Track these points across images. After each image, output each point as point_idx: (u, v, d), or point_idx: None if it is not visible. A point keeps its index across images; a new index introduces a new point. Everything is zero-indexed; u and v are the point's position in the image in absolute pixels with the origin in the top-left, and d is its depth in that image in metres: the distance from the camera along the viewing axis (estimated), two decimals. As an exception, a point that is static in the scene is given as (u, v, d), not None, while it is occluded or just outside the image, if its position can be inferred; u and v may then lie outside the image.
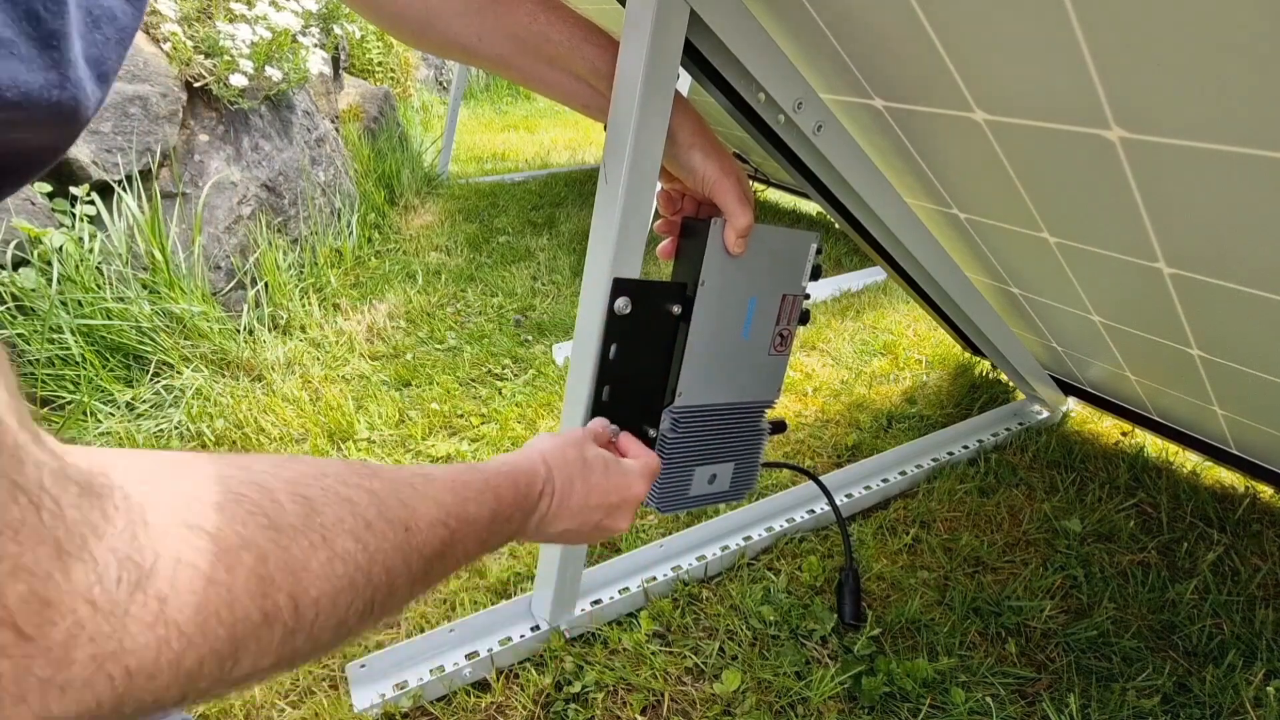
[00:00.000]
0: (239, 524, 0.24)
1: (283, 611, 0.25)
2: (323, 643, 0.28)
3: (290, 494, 0.27)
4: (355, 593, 0.29)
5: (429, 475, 0.36)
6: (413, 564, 0.32)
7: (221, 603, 0.23)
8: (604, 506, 0.50)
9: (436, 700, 0.89)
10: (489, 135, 4.73)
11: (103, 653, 0.19)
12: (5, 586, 0.17)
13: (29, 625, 0.18)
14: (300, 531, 0.26)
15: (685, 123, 0.59)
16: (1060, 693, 0.91)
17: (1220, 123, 0.50)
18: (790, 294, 0.65)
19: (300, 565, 0.26)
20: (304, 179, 2.13)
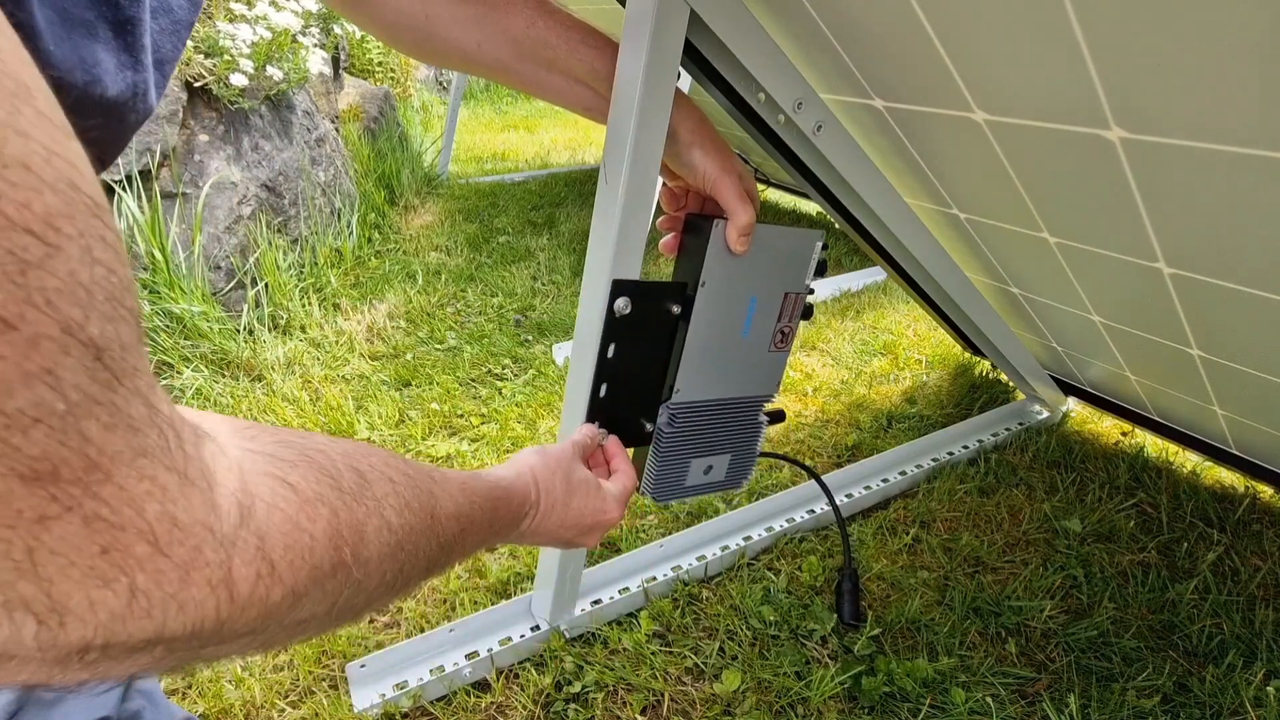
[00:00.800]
0: (314, 481, 0.27)
1: (349, 564, 0.27)
2: (363, 604, 0.30)
3: (346, 464, 0.29)
4: (393, 563, 0.31)
5: (444, 474, 0.38)
6: (431, 549, 0.35)
7: (305, 547, 0.25)
8: (577, 528, 0.53)
9: (436, 700, 0.89)
10: (489, 135, 4.73)
11: (215, 578, 0.21)
12: (145, 504, 0.19)
13: (163, 541, 0.19)
14: (358, 498, 0.28)
15: (686, 120, 0.59)
16: (1060, 693, 0.91)
17: (1220, 123, 0.50)
18: (792, 292, 0.65)
19: (361, 526, 0.28)
20: (304, 179, 2.13)
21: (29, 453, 0.16)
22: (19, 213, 0.15)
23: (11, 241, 0.15)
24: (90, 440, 0.17)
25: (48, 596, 0.17)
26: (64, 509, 0.17)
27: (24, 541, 0.16)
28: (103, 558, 0.18)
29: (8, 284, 0.15)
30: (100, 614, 0.18)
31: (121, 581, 0.18)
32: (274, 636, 0.26)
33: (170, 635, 0.20)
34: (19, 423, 0.16)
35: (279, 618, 0.24)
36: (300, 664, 0.92)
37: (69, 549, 0.17)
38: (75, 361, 0.17)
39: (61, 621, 0.18)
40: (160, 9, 0.30)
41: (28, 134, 0.16)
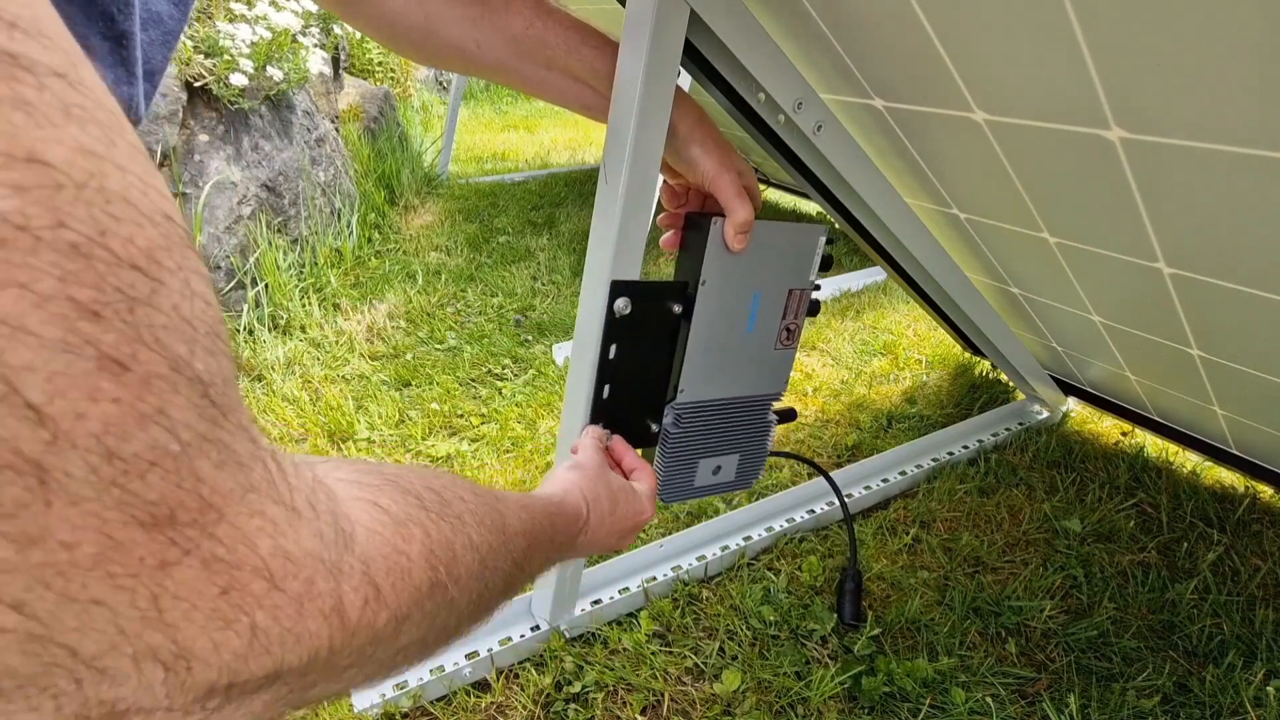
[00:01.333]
0: (402, 503, 0.27)
1: (445, 583, 0.27)
2: (454, 626, 0.30)
3: (424, 486, 0.29)
4: (479, 581, 0.31)
5: (503, 493, 0.39)
6: (507, 566, 0.35)
7: (404, 570, 0.25)
8: (620, 532, 0.54)
9: (436, 700, 0.89)
10: (489, 135, 4.73)
11: (328, 607, 0.21)
12: (258, 540, 0.19)
13: (278, 577, 0.19)
14: (442, 518, 0.29)
15: (686, 117, 0.59)
16: (1060, 693, 0.91)
17: (1220, 123, 0.50)
18: (797, 288, 0.65)
19: (449, 545, 0.28)
20: (304, 179, 2.13)
21: (147, 498, 0.16)
22: (124, 248, 0.15)
23: (119, 279, 0.15)
24: (203, 480, 0.17)
25: (174, 643, 0.17)
26: (183, 553, 0.17)
27: (148, 589, 0.16)
28: (223, 598, 0.18)
29: (118, 323, 0.15)
30: (224, 655, 0.18)
31: (243, 621, 0.18)
32: (377, 667, 0.26)
33: (288, 669, 0.20)
34: (137, 467, 0.15)
35: (384, 644, 0.24)
36: (300, 664, 0.92)
37: (191, 593, 0.17)
38: (185, 400, 0.17)
39: (189, 667, 0.18)
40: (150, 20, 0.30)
41: (125, 168, 0.16)
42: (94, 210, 0.15)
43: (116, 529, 0.15)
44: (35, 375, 0.14)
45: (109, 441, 0.15)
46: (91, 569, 0.15)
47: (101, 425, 0.15)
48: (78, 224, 0.14)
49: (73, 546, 0.15)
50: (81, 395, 0.14)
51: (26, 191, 0.13)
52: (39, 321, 0.14)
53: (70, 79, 0.15)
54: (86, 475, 0.15)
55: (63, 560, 0.15)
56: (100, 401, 0.15)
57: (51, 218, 0.14)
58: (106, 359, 0.15)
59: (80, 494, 0.15)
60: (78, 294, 0.14)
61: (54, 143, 0.14)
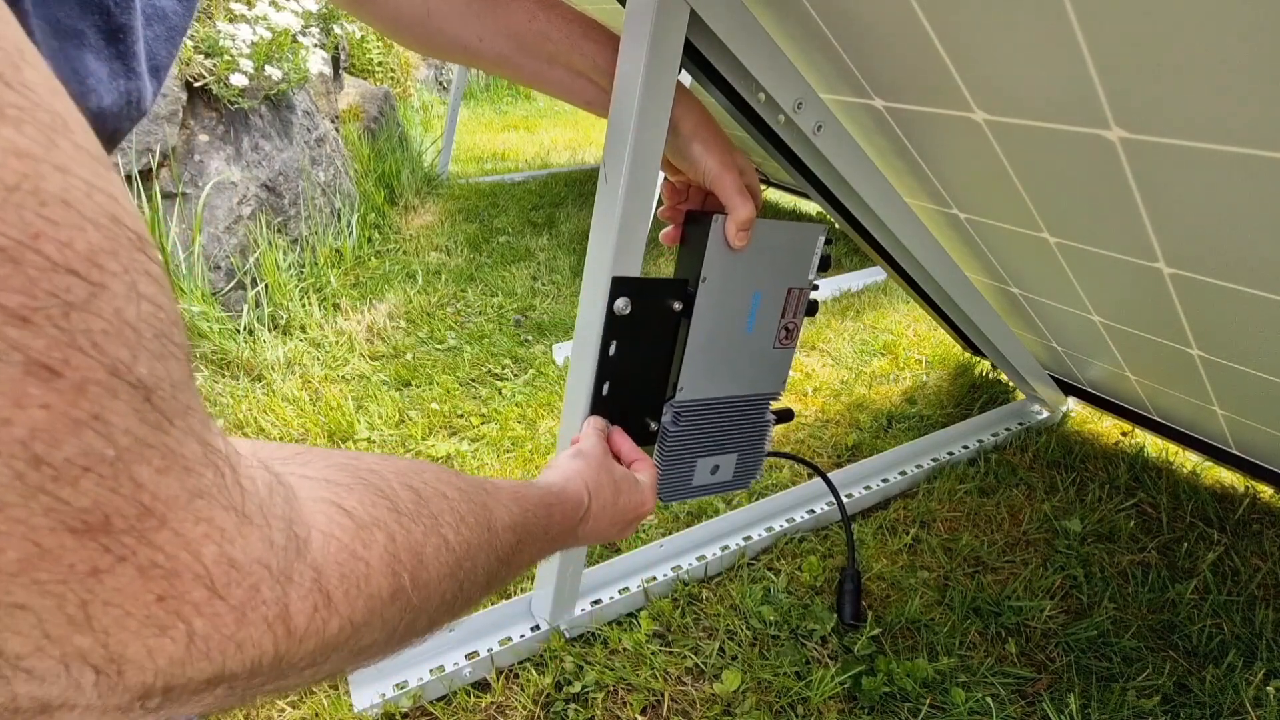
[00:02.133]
0: (369, 505, 0.26)
1: (407, 590, 0.27)
2: (425, 626, 0.30)
3: (401, 483, 0.29)
4: (452, 581, 0.30)
5: (496, 484, 0.38)
6: (490, 563, 0.34)
7: (361, 576, 0.24)
8: (621, 523, 0.54)
9: (436, 700, 0.89)
10: (489, 135, 4.73)
11: (271, 615, 0.21)
12: (202, 547, 0.19)
13: (220, 584, 0.19)
14: (415, 518, 0.28)
15: (688, 115, 0.59)
16: (1060, 693, 0.91)
17: (1220, 123, 0.50)
18: (796, 287, 0.65)
19: (419, 548, 0.28)
20: (304, 179, 2.13)
21: (78, 504, 0.16)
22: (60, 252, 0.15)
23: (53, 284, 0.15)
24: (143, 486, 0.17)
25: (104, 648, 0.17)
26: (117, 560, 0.17)
27: (77, 595, 0.16)
28: (159, 605, 0.18)
29: (50, 328, 0.15)
30: (159, 660, 0.18)
31: (179, 628, 0.18)
32: (335, 666, 0.25)
33: (230, 674, 0.20)
34: (67, 474, 0.15)
35: (337, 648, 0.24)
36: (300, 664, 0.92)
37: (124, 599, 0.17)
38: (124, 405, 0.16)
39: (120, 670, 0.18)
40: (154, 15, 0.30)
41: (66, 169, 0.15)
42: (24, 213, 0.14)
43: (44, 535, 0.15)
44: None
45: (36, 448, 0.15)
46: (15, 574, 0.15)
47: (28, 431, 0.15)
48: (6, 228, 0.14)
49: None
50: (6, 401, 0.14)
51: None
52: None
53: (7, 78, 0.14)
54: (10, 481, 0.14)
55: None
56: (27, 407, 0.14)
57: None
58: (35, 364, 0.14)
59: (4, 500, 0.14)
60: (4, 300, 0.14)
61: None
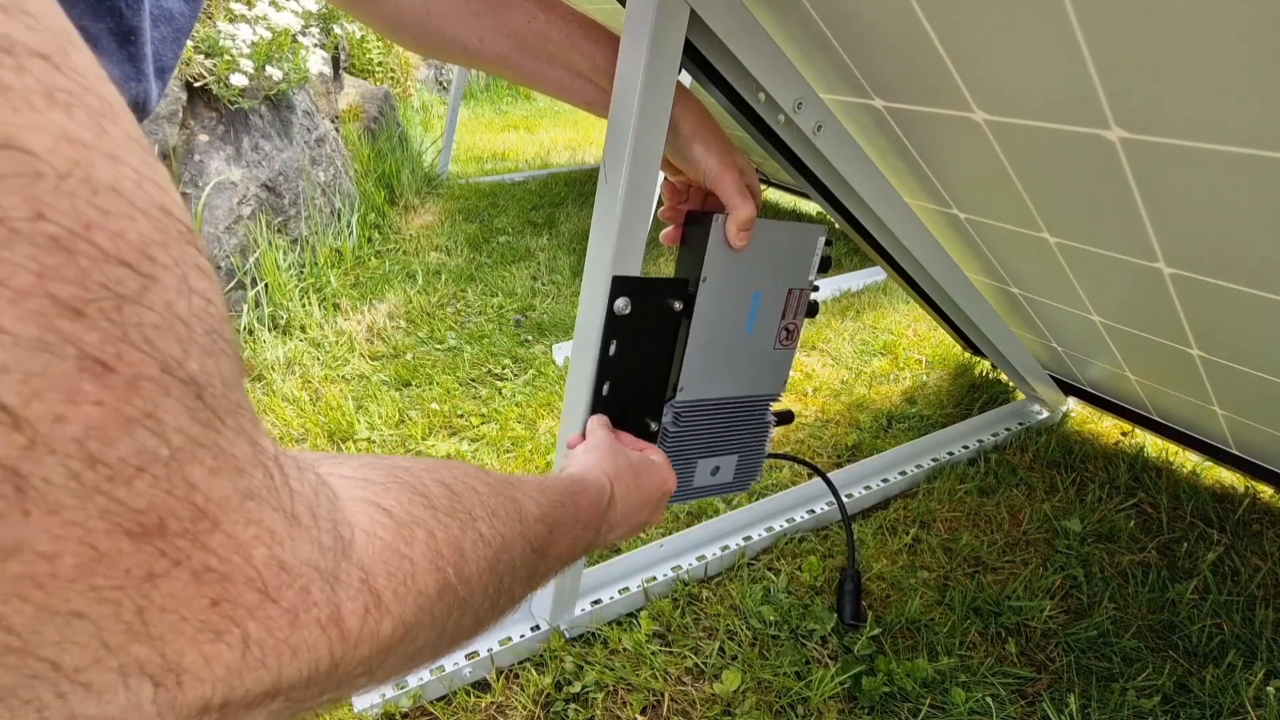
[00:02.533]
0: (407, 503, 0.26)
1: (453, 584, 0.26)
2: (472, 624, 0.29)
3: (433, 480, 0.28)
4: (492, 575, 0.30)
5: (520, 478, 0.38)
6: (527, 555, 0.34)
7: (407, 574, 0.24)
8: (650, 505, 0.54)
9: (436, 700, 0.89)
10: (489, 135, 4.73)
11: (324, 617, 0.20)
12: (253, 550, 0.18)
13: (272, 587, 0.19)
14: (451, 514, 0.28)
15: (688, 115, 0.59)
16: (1060, 693, 0.91)
17: (1220, 123, 0.50)
18: (796, 288, 0.65)
19: (458, 542, 0.27)
20: (304, 179, 2.13)
21: (134, 506, 0.15)
22: (112, 243, 0.14)
23: (106, 275, 0.14)
24: (196, 487, 0.16)
25: (162, 656, 0.16)
26: (172, 564, 0.16)
27: (133, 602, 0.16)
28: (213, 610, 0.17)
29: (103, 322, 0.14)
30: (216, 669, 0.18)
31: (234, 633, 0.18)
32: (390, 671, 0.25)
33: (288, 683, 0.20)
34: (122, 474, 0.15)
35: (392, 650, 0.24)
36: (300, 664, 0.92)
37: (179, 605, 0.16)
38: (176, 403, 0.16)
39: (179, 681, 0.17)
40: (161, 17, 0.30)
41: (118, 157, 0.15)
42: (77, 202, 0.14)
43: (101, 539, 0.15)
44: (9, 376, 0.13)
45: (91, 446, 0.14)
46: (74, 581, 0.14)
47: (83, 429, 0.14)
48: (59, 216, 0.13)
49: (53, 558, 0.14)
50: (60, 398, 0.14)
51: (2, 180, 0.13)
52: (13, 319, 0.13)
53: (56, 61, 0.14)
54: (66, 482, 0.14)
55: (42, 572, 0.14)
56: (81, 404, 0.14)
57: (29, 209, 0.13)
58: (89, 359, 0.14)
59: (60, 502, 0.14)
60: (57, 290, 0.13)
61: (34, 129, 0.13)
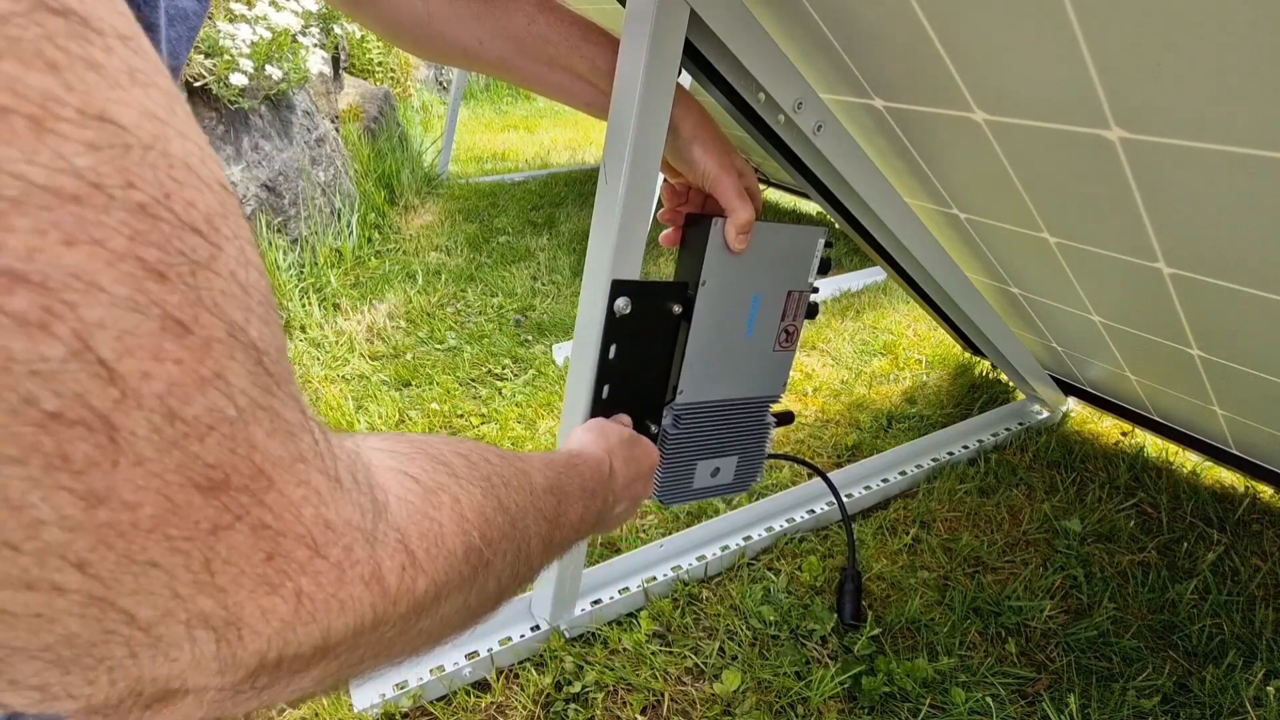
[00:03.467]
0: (431, 471, 0.27)
1: (478, 547, 0.27)
2: (494, 591, 0.30)
3: (452, 452, 0.29)
4: (511, 542, 0.31)
5: (523, 454, 0.38)
6: (540, 525, 0.35)
7: (436, 536, 0.25)
8: (642, 478, 0.54)
9: (436, 700, 0.89)
10: (489, 135, 4.73)
11: (367, 573, 0.21)
12: (303, 509, 0.19)
13: (320, 544, 0.20)
14: (471, 480, 0.29)
15: (688, 116, 0.59)
16: (1060, 693, 0.91)
17: (1220, 123, 0.50)
18: (796, 290, 0.65)
19: (479, 508, 0.28)
20: (304, 179, 2.13)
21: (206, 461, 0.16)
22: (187, 212, 0.15)
23: (183, 242, 0.15)
24: (256, 447, 0.17)
25: (224, 609, 0.17)
26: (235, 518, 0.17)
27: (201, 553, 0.16)
28: (268, 564, 0.18)
29: (181, 285, 0.15)
30: (272, 622, 0.18)
31: (288, 586, 0.19)
32: (424, 635, 0.26)
33: (335, 639, 0.21)
34: (196, 430, 0.16)
35: (427, 612, 0.25)
36: (300, 664, 0.92)
37: (240, 558, 0.17)
38: (240, 366, 0.17)
39: (239, 634, 0.18)
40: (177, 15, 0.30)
41: (185, 134, 0.16)
42: (159, 173, 0.15)
43: (176, 491, 0.16)
44: (106, 332, 0.14)
45: (171, 403, 0.15)
46: (151, 531, 0.15)
47: (165, 386, 0.15)
48: (145, 185, 0.14)
49: (135, 507, 0.15)
50: (148, 355, 0.14)
51: (99, 150, 0.14)
52: (111, 280, 0.14)
53: (134, 44, 0.15)
54: (150, 435, 0.15)
55: (125, 521, 0.15)
56: (164, 362, 0.15)
57: (121, 178, 0.14)
58: (170, 320, 0.15)
59: (144, 454, 0.15)
60: (145, 254, 0.14)
61: (123, 104, 0.14)
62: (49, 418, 0.13)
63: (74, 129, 0.13)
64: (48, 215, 0.13)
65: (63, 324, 0.13)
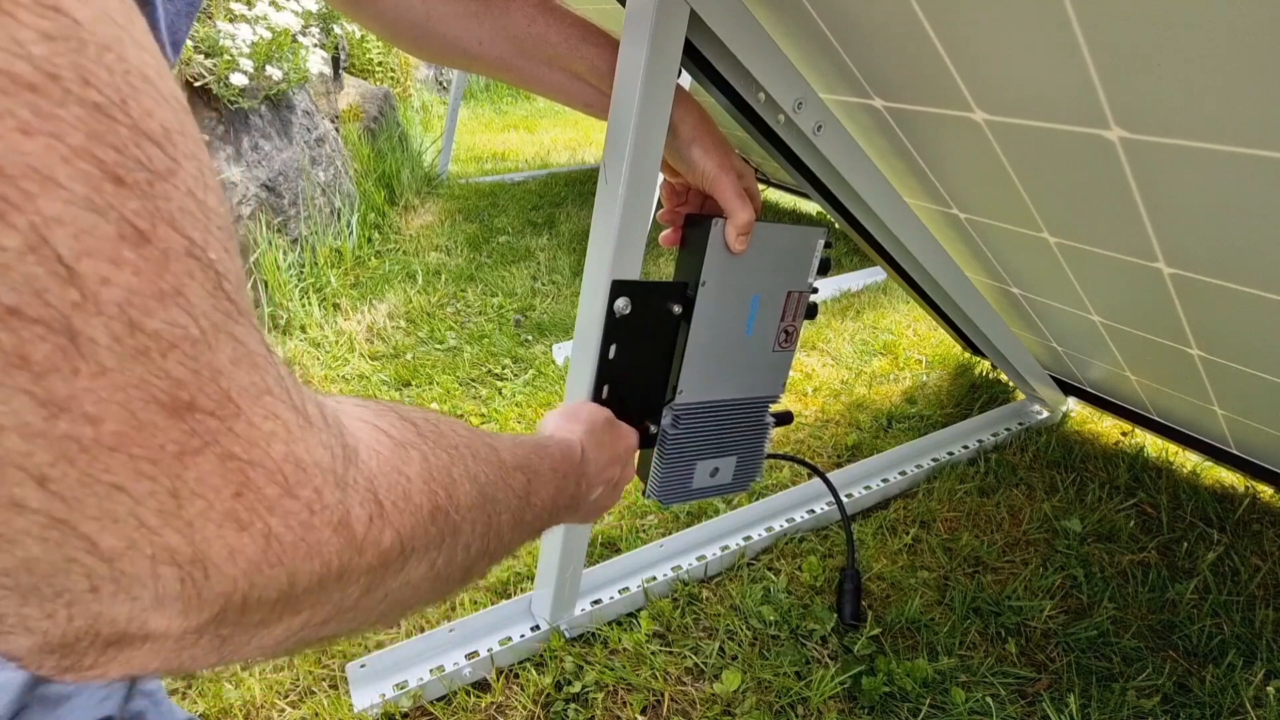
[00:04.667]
0: (400, 428, 0.26)
1: (445, 509, 0.27)
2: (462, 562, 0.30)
3: (421, 417, 0.29)
4: (481, 512, 0.30)
5: (492, 433, 0.38)
6: (511, 500, 0.34)
7: (404, 491, 0.24)
8: (618, 461, 0.53)
9: (436, 700, 0.89)
10: (489, 135, 4.73)
11: (335, 519, 0.20)
12: (272, 444, 0.18)
13: (291, 483, 0.19)
14: (439, 445, 0.28)
15: (687, 117, 0.59)
16: (1060, 693, 0.91)
17: (1220, 123, 0.50)
18: (795, 291, 0.65)
19: (447, 471, 0.28)
20: (304, 179, 2.13)
21: (170, 377, 0.15)
22: (144, 120, 0.15)
23: (141, 149, 0.15)
24: (221, 372, 0.17)
25: (191, 545, 0.17)
26: (203, 444, 0.16)
27: (168, 480, 0.16)
28: (237, 500, 0.17)
29: (139, 193, 0.15)
30: (240, 563, 0.18)
31: (256, 526, 0.18)
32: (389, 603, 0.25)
33: (300, 588, 0.20)
34: (158, 345, 0.15)
35: (391, 570, 0.24)
36: (300, 664, 0.92)
37: (207, 490, 0.17)
38: (200, 286, 0.16)
39: (205, 573, 0.17)
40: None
41: (143, 45, 0.15)
42: (115, 77, 0.14)
43: (140, 408, 0.15)
44: (64, 230, 0.13)
45: (132, 313, 0.15)
46: (115, 449, 0.15)
47: (125, 294, 0.14)
48: (102, 85, 0.14)
49: (97, 421, 0.14)
50: (106, 259, 0.14)
51: (54, 41, 0.13)
52: (67, 176, 0.13)
53: None
54: (111, 345, 0.14)
55: (87, 435, 0.14)
56: (123, 269, 0.14)
57: (77, 73, 0.13)
58: (129, 226, 0.14)
59: (106, 364, 0.14)
60: (103, 155, 0.14)
61: (80, 1, 0.14)
62: (7, 312, 0.13)
63: (30, 15, 0.13)
64: (4, 100, 0.12)
65: (20, 215, 0.13)
